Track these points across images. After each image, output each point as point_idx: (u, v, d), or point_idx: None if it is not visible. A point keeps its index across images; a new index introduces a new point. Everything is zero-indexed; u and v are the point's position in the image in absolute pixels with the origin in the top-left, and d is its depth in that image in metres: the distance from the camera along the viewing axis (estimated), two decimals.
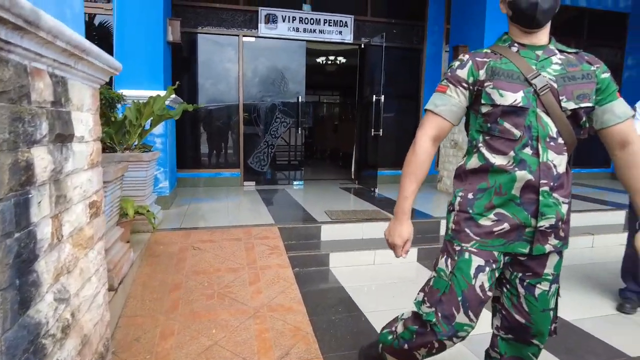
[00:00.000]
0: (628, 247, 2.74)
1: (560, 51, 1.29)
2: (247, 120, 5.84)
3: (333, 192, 5.53)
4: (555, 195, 1.25)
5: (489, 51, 1.31)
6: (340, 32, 5.96)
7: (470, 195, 1.32)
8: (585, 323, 2.47)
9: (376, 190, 5.45)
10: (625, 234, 2.92)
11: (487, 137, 1.29)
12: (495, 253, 1.29)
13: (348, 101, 14.08)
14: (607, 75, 1.27)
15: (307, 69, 5.96)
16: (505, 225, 1.27)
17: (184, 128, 5.54)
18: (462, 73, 1.29)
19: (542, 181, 1.23)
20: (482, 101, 1.26)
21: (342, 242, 3.59)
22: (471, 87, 1.28)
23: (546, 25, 1.26)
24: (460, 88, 1.29)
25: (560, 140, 1.24)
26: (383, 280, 3.11)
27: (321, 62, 10.45)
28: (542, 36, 1.28)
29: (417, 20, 6.27)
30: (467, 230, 1.30)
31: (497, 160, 1.26)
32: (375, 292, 2.88)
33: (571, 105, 1.22)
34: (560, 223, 1.27)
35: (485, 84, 1.25)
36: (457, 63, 1.32)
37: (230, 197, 5.04)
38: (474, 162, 1.32)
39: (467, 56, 1.32)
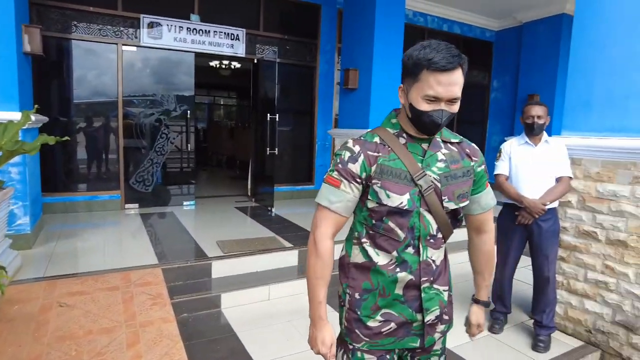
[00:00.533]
0: (495, 271, 3.04)
1: (444, 142, 1.29)
2: (129, 136, 5.31)
3: (227, 213, 5.31)
4: (435, 286, 1.29)
5: (378, 141, 1.24)
6: (232, 46, 5.73)
7: (357, 295, 1.30)
8: (465, 348, 2.67)
9: (273, 210, 5.37)
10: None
11: (371, 232, 1.26)
12: (385, 351, 1.32)
13: (245, 103, 13.81)
14: (482, 168, 1.34)
15: (200, 70, 5.65)
16: (393, 325, 1.28)
17: (53, 145, 4.83)
18: (355, 168, 1.22)
19: (422, 279, 1.26)
20: (369, 197, 1.23)
21: (235, 278, 3.43)
22: (363, 182, 1.24)
23: None
24: (354, 183, 1.23)
25: (440, 235, 1.27)
26: (278, 319, 3.03)
27: (215, 65, 10.05)
28: None
29: (311, 38, 6.31)
30: (357, 332, 1.30)
31: (380, 259, 1.25)
32: (269, 336, 2.79)
33: (452, 206, 1.25)
34: (444, 310, 1.32)
35: (374, 181, 1.22)
36: (347, 154, 1.24)
37: (109, 227, 4.53)
38: (357, 257, 1.30)
39: (357, 147, 1.23)
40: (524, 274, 3.21)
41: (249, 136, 6.99)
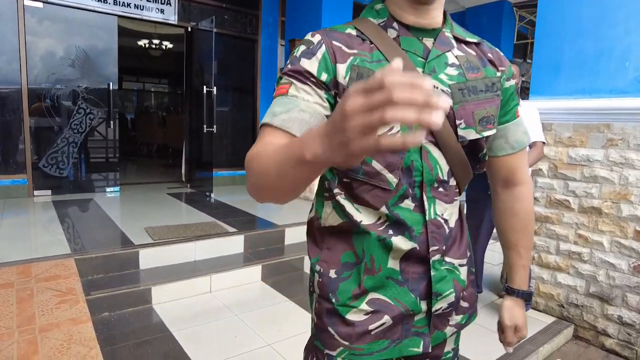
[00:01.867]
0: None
1: (458, 40, 0.87)
2: (38, 111, 4.47)
3: (158, 200, 4.66)
4: (448, 259, 0.87)
5: (353, 32, 0.81)
6: (162, 11, 5.06)
7: (332, 274, 0.85)
8: None
9: (212, 195, 4.81)
10: None
11: (345, 180, 0.83)
12: None
13: (178, 91, 12.81)
14: (511, 83, 0.92)
15: (127, 52, 4.92)
16: (386, 319, 0.83)
17: None
18: (310, 65, 0.77)
19: (431, 248, 0.83)
20: None
21: (168, 269, 2.88)
22: (326, 89, 0.77)
23: None
24: (310, 85, 0.76)
25: (452, 182, 0.85)
26: (223, 313, 2.55)
27: (144, 45, 9.12)
28: (436, 13, 0.83)
29: (251, 8, 5.78)
30: (332, 330, 0.84)
31: (363, 216, 0.82)
32: (213, 334, 2.30)
33: (471, 135, 0.82)
34: (461, 294, 0.90)
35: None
36: (301, 48, 0.80)
37: (10, 216, 3.73)
38: (331, 217, 0.86)
39: (317, 37, 0.79)
40: (488, 256, 3.04)
41: (181, 122, 6.31)
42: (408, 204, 0.81)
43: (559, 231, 2.68)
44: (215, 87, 4.79)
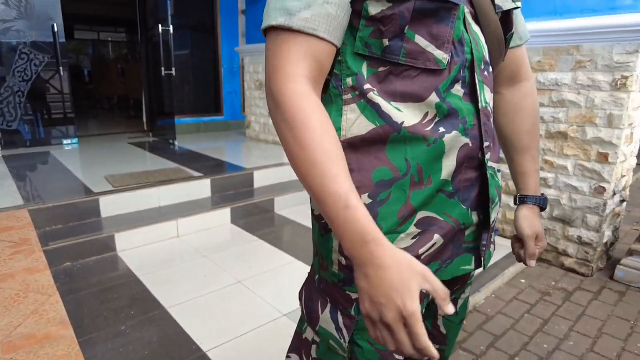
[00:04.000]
0: None
1: None
2: None
3: (119, 149, 4.44)
4: (490, 164, 0.74)
5: None
6: None
7: (365, 199, 0.67)
8: None
9: (176, 143, 4.62)
10: None
11: (381, 69, 0.65)
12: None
13: (136, 39, 11.98)
14: None
15: None
16: (436, 238, 0.70)
17: None
18: None
19: (485, 144, 0.71)
20: None
21: (132, 215, 2.78)
22: None
23: None
24: None
25: (490, 69, 0.75)
26: (191, 256, 2.49)
27: None
28: None
29: None
30: None
31: (405, 115, 0.65)
32: (181, 275, 2.26)
33: (508, 3, 0.73)
34: (499, 204, 0.81)
35: None
36: None
37: None
38: (357, 124, 0.67)
39: None
40: None
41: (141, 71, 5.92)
42: (458, 89, 0.67)
43: None
44: (171, 27, 4.45)
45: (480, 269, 0.82)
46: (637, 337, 1.97)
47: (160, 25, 4.39)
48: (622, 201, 2.66)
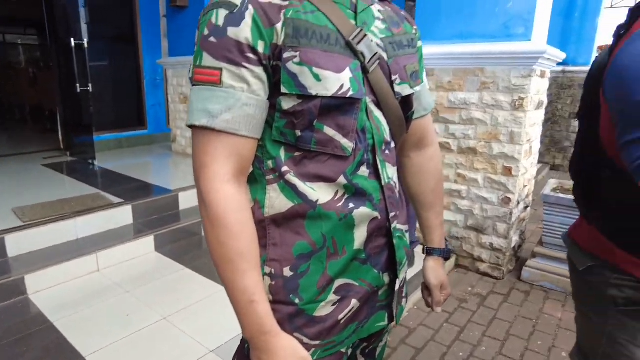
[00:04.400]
0: None
1: None
2: None
3: (31, 173, 4.10)
4: (399, 226, 0.84)
5: None
6: None
7: (287, 271, 0.74)
8: None
9: (95, 162, 4.35)
10: None
11: (297, 154, 0.73)
12: (344, 348, 0.82)
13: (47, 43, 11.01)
14: (421, 44, 0.91)
15: None
16: (354, 302, 0.78)
17: None
18: (243, 33, 0.64)
19: (391, 214, 0.80)
20: (283, 87, 0.68)
21: (45, 252, 2.58)
22: (267, 61, 0.67)
23: None
24: (246, 66, 0.65)
25: (393, 144, 0.82)
26: (113, 292, 2.37)
27: None
28: None
29: None
30: (299, 336, 0.75)
31: (319, 194, 0.73)
32: (102, 316, 2.14)
33: (406, 90, 0.79)
34: (408, 261, 0.91)
35: (286, 55, 0.67)
36: (222, 13, 0.65)
37: None
38: (277, 202, 0.74)
39: None
40: None
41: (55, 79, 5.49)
42: (364, 171, 0.76)
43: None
44: (86, 39, 4.17)
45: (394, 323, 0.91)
46: (538, 335, 2.19)
47: (73, 39, 4.10)
48: (526, 207, 2.93)
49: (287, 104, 0.69)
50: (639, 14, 0.66)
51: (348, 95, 0.69)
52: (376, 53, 0.73)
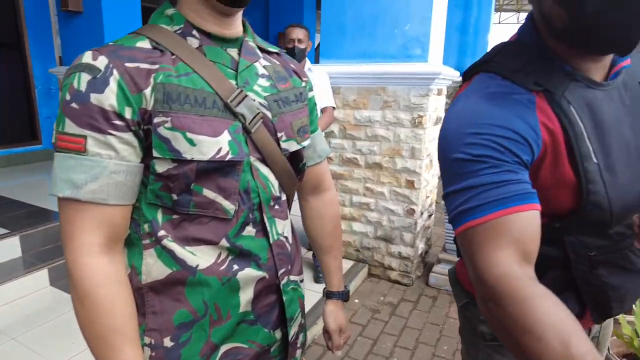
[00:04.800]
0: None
1: (261, 49, 0.81)
2: None
3: None
4: (293, 278, 0.84)
5: (146, 44, 0.67)
6: None
7: (167, 342, 0.71)
8: None
9: None
10: None
11: (175, 217, 0.70)
12: None
13: None
14: (312, 94, 0.92)
15: None
16: None
17: None
18: (106, 102, 0.61)
19: (280, 272, 0.79)
20: (155, 152, 0.65)
21: None
22: (135, 127, 0.64)
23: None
24: (112, 132, 0.62)
25: (283, 197, 0.82)
26: (8, 332, 2.11)
27: None
28: (238, 22, 0.75)
29: None
30: None
31: (200, 259, 0.71)
32: None
33: (293, 146, 0.80)
34: (303, 310, 0.91)
35: (157, 120, 0.64)
36: (84, 77, 0.61)
37: None
38: (155, 269, 0.70)
39: (102, 59, 0.62)
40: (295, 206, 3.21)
41: None
42: (250, 230, 0.74)
43: (351, 186, 2.97)
44: None
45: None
46: (445, 340, 2.35)
47: None
48: (430, 216, 3.13)
49: (161, 167, 0.66)
50: (471, 75, 0.72)
51: (227, 159, 0.68)
52: (258, 113, 0.72)
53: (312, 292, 2.62)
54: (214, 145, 0.67)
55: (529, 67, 0.65)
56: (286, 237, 0.82)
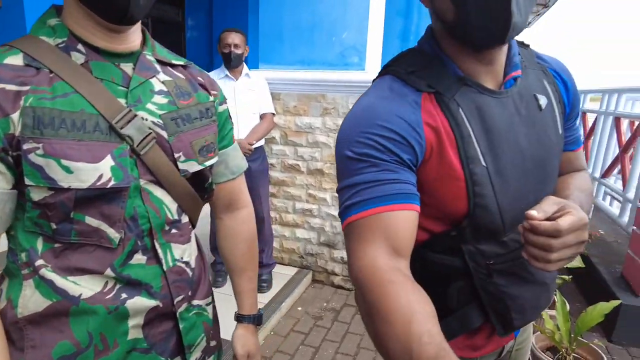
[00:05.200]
0: (212, 223, 2.80)
1: (162, 63, 0.75)
2: None
3: None
4: (196, 302, 0.81)
5: (18, 60, 0.62)
6: None
7: None
8: None
9: None
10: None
11: (57, 245, 0.66)
12: None
13: None
14: (225, 107, 0.87)
15: None
16: None
17: None
18: None
19: (176, 300, 0.75)
20: (28, 180, 0.61)
21: None
22: (2, 153, 0.60)
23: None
24: None
25: (185, 219, 0.78)
26: None
27: None
28: (134, 37, 0.70)
29: None
30: None
31: (83, 288, 0.67)
32: None
33: (194, 167, 0.76)
34: (211, 332, 0.86)
35: (26, 146, 0.60)
36: None
37: None
38: (33, 301, 0.66)
39: None
40: None
41: None
42: (139, 258, 0.70)
43: (294, 192, 2.95)
44: None
45: None
46: None
47: None
48: None
49: (36, 195, 0.62)
50: (384, 71, 0.74)
51: (109, 186, 0.64)
52: (150, 133, 0.68)
53: None
54: (94, 172, 0.63)
55: (423, 71, 0.68)
56: (186, 262, 0.79)
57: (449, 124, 0.66)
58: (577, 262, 2.35)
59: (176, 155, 0.72)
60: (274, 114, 2.68)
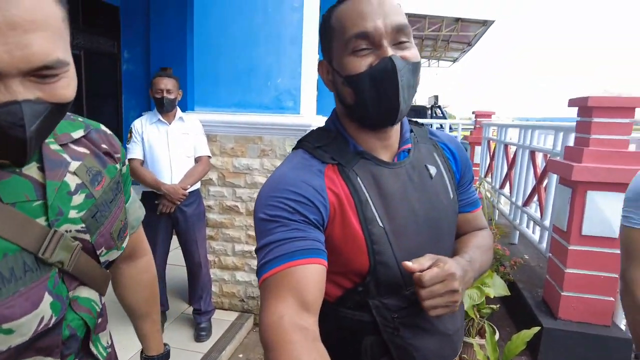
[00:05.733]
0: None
1: (65, 146, 0.67)
2: None
3: None
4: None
5: None
6: None
7: None
8: None
9: None
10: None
11: None
12: None
13: None
14: (126, 165, 0.86)
15: None
16: None
17: None
18: None
19: None
20: None
21: None
22: None
23: None
24: None
25: (101, 305, 0.76)
26: None
27: None
28: None
29: None
30: None
31: None
32: None
33: (114, 254, 0.74)
34: None
35: None
36: None
37: None
38: None
39: None
40: (176, 256, 3.01)
41: None
42: None
43: (233, 234, 2.92)
44: None
45: None
46: None
47: None
48: None
49: None
50: (298, 145, 0.87)
51: (52, 325, 0.61)
52: (77, 244, 0.64)
53: (192, 353, 2.47)
54: (35, 318, 0.58)
55: (328, 146, 0.79)
56: (110, 344, 0.81)
57: (349, 190, 0.75)
58: (503, 291, 2.51)
59: (98, 252, 0.69)
60: (209, 156, 2.68)
